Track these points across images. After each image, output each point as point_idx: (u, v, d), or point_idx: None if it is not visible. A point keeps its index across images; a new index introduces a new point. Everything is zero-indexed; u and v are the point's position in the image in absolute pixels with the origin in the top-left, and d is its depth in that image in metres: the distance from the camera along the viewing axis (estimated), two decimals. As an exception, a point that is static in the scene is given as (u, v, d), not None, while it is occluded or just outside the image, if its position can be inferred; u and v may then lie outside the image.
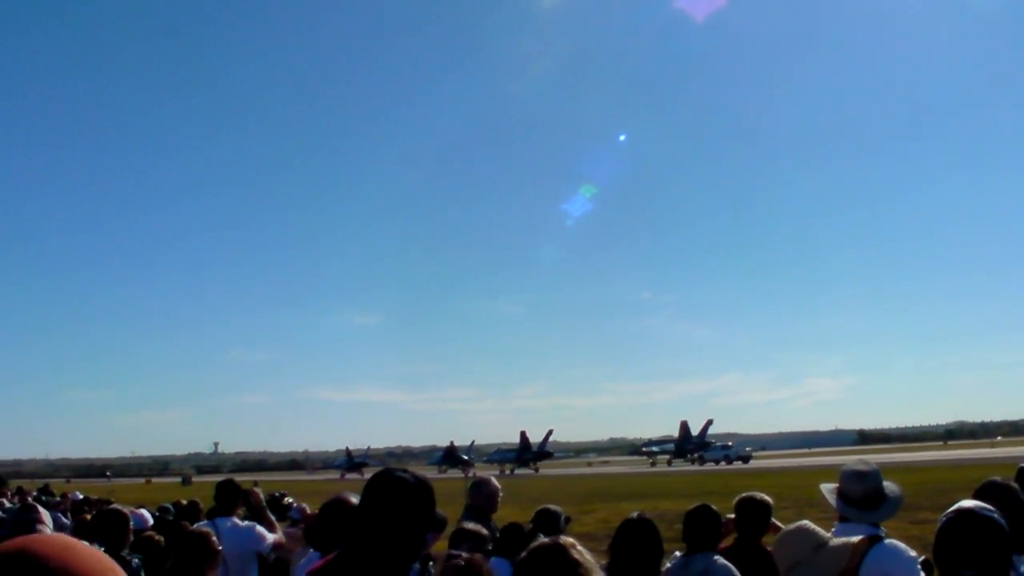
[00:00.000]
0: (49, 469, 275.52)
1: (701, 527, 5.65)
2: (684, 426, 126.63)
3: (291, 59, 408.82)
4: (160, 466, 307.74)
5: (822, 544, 5.07)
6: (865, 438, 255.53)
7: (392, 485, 3.02)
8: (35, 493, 27.93)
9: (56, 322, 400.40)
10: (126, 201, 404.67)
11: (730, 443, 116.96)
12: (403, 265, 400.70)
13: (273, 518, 8.26)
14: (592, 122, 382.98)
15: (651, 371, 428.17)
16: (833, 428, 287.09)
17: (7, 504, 18.94)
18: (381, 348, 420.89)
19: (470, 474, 20.72)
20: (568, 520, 6.60)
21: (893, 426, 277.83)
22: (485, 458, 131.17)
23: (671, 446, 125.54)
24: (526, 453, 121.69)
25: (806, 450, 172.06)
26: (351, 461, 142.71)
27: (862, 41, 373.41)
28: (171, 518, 12.93)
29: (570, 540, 3.97)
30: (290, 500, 15.08)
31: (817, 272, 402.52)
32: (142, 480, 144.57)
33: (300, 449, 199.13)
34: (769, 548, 6.12)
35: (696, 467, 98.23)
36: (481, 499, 7.75)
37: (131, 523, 7.19)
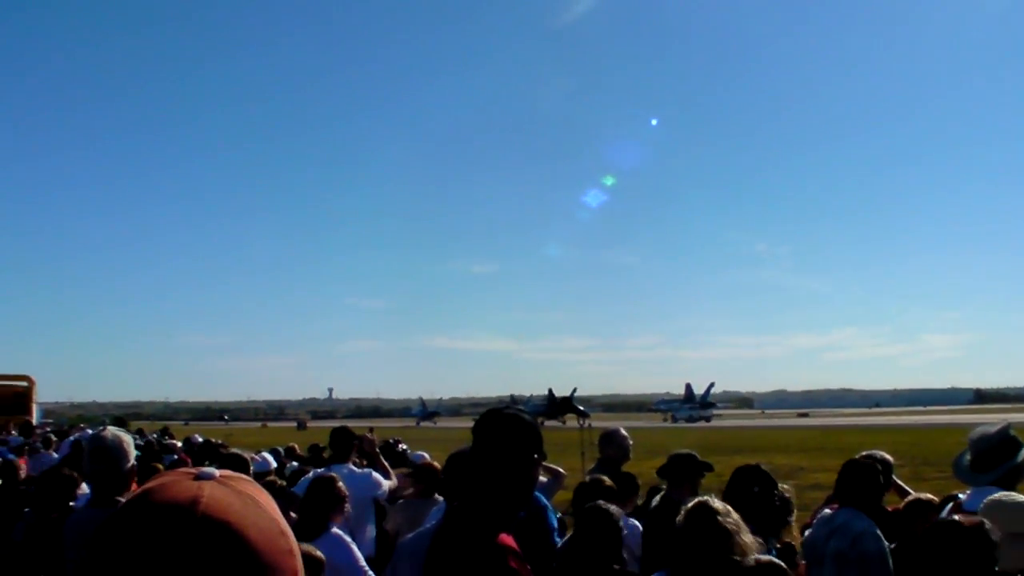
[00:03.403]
0: (168, 412, 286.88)
1: (856, 482, 5.37)
2: (688, 388, 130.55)
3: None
4: (275, 411, 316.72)
5: None
6: (982, 397, 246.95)
7: (498, 422, 3.00)
8: (155, 435, 29.07)
9: (174, 267, 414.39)
10: (245, 148, 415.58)
11: (731, 404, 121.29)
12: (519, 213, 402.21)
13: (387, 464, 8.34)
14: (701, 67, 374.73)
15: (764, 324, 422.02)
16: (949, 386, 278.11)
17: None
18: (494, 297, 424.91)
19: (585, 424, 20.65)
20: (705, 465, 6.44)
21: (1012, 386, 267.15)
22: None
23: (677, 405, 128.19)
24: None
25: (920, 408, 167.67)
26: (425, 410, 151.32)
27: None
28: (295, 464, 13.35)
29: (719, 504, 3.94)
30: (404, 447, 15.37)
31: (936, 225, 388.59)
32: (258, 424, 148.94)
33: (414, 396, 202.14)
34: (891, 509, 5.98)
35: (807, 421, 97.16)
36: (613, 449, 7.80)
37: (251, 468, 7.36)
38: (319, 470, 8.10)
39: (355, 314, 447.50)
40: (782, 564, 3.82)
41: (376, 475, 7.80)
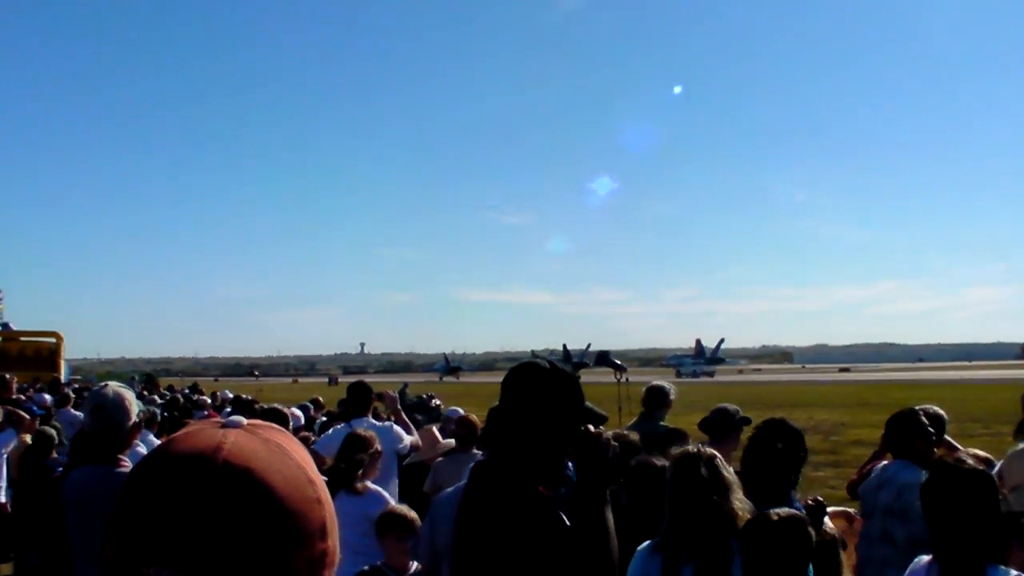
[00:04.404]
0: (197, 368, 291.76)
1: (903, 434, 5.33)
2: (698, 343, 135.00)
3: None
4: (306, 366, 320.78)
5: None
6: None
7: (530, 374, 2.91)
8: (185, 391, 29.48)
9: (204, 216, 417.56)
10: (275, 107, 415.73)
11: (744, 360, 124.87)
12: (553, 162, 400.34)
13: (408, 421, 8.44)
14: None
15: (804, 277, 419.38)
16: (995, 341, 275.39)
17: (159, 401, 20.10)
18: (531, 248, 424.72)
19: (622, 379, 20.68)
20: (746, 420, 6.40)
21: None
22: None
23: (689, 361, 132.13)
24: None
25: (966, 363, 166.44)
26: (448, 365, 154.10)
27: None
28: (324, 418, 13.48)
29: (709, 451, 3.93)
30: (438, 402, 15.44)
31: (982, 174, 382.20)
32: (289, 380, 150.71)
33: (448, 350, 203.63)
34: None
35: (848, 376, 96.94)
36: (653, 401, 7.89)
37: (291, 423, 7.41)
38: (339, 426, 8.25)
39: (387, 264, 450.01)
40: (805, 517, 3.79)
41: (397, 428, 7.88)
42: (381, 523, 5.00)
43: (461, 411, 9.82)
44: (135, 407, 3.97)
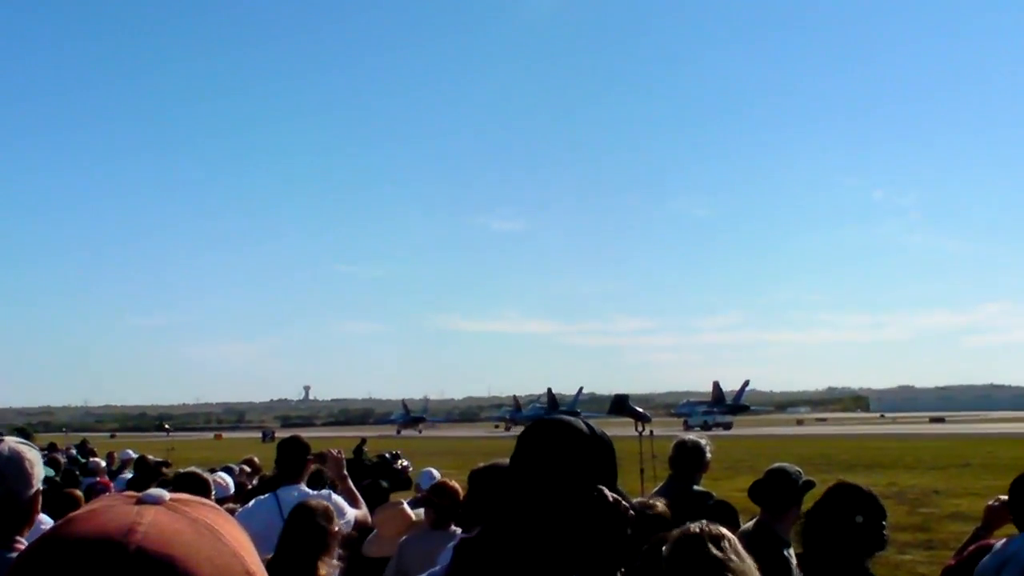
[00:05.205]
0: (88, 420, 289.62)
1: None
2: (716, 387, 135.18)
3: None
4: (234, 417, 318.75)
5: None
6: None
7: (555, 435, 2.82)
8: (72, 450, 29.14)
9: (95, 231, 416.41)
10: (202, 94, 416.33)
11: (805, 408, 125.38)
12: (556, 151, 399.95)
13: (354, 489, 8.37)
14: None
15: (883, 298, 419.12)
16: None
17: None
18: (528, 262, 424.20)
19: (645, 432, 20.64)
20: (810, 484, 6.39)
21: None
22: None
23: (706, 408, 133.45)
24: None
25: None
26: (407, 415, 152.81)
27: None
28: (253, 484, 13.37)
29: (718, 530, 3.91)
30: (406, 463, 15.36)
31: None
32: (211, 435, 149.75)
33: (419, 396, 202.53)
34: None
35: (942, 428, 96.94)
36: (686, 461, 7.96)
37: (213, 492, 7.37)
38: (261, 496, 8.19)
39: (345, 285, 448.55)
40: None
41: (337, 499, 7.75)
42: None
43: (437, 474, 9.81)
44: (39, 470, 3.84)
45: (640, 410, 22.80)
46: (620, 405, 24.71)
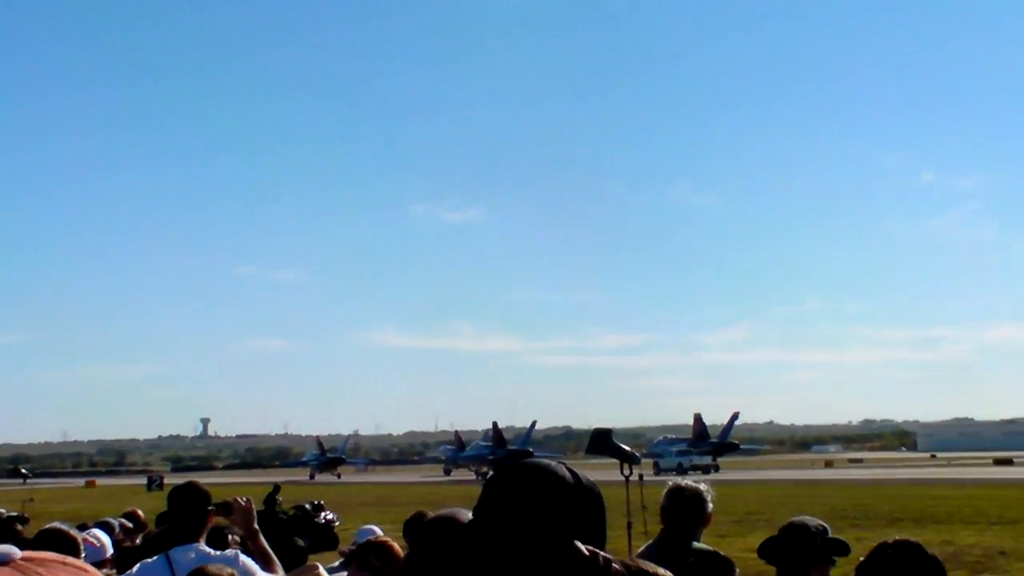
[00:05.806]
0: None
1: None
2: (698, 420, 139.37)
3: None
4: (112, 458, 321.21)
5: None
6: None
7: (532, 484, 2.84)
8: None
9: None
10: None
11: (767, 447, 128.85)
12: (521, 131, 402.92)
13: (267, 548, 8.30)
14: None
15: (935, 308, 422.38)
16: None
17: None
18: (485, 263, 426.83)
19: (633, 475, 20.72)
20: (838, 544, 6.28)
21: None
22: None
23: (683, 447, 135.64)
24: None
25: None
26: (323, 454, 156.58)
27: None
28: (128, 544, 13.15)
29: None
30: (330, 516, 15.30)
31: None
32: (81, 482, 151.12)
33: (347, 431, 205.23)
34: None
35: (1008, 472, 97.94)
36: (683, 511, 7.97)
37: (83, 551, 7.46)
38: (149, 560, 8.03)
39: (252, 293, 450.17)
40: None
41: (246, 561, 7.77)
42: None
43: (378, 530, 9.76)
44: None
45: (627, 448, 22.54)
46: (602, 442, 24.55)
